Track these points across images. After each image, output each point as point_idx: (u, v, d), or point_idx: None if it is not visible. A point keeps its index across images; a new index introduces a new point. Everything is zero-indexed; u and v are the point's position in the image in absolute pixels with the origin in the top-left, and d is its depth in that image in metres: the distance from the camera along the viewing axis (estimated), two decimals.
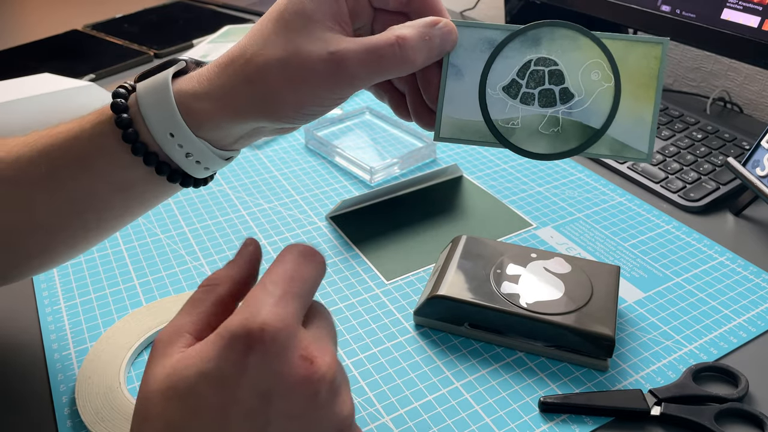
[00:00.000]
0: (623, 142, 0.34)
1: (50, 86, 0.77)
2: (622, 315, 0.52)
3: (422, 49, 0.34)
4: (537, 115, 0.35)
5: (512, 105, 0.35)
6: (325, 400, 0.28)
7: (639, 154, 0.34)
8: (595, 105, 0.34)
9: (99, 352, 0.47)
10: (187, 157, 0.37)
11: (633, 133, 0.34)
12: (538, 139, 0.35)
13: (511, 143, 0.35)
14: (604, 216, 0.64)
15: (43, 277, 0.56)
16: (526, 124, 0.35)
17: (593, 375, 0.47)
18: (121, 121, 0.36)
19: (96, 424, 0.42)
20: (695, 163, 0.70)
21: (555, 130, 0.35)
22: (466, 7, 1.21)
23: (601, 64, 0.34)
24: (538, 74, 0.35)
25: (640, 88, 0.34)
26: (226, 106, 0.35)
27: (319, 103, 0.35)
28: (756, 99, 0.88)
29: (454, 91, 0.35)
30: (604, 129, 0.34)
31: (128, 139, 0.36)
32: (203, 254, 0.59)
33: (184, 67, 0.38)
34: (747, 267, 0.57)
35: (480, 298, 0.48)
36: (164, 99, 0.36)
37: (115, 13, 1.20)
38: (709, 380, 0.47)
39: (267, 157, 0.74)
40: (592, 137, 0.34)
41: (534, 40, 0.35)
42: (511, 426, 0.43)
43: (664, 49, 0.34)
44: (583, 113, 0.35)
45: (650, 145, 0.34)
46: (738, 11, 0.68)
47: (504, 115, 0.35)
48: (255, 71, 0.34)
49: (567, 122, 0.35)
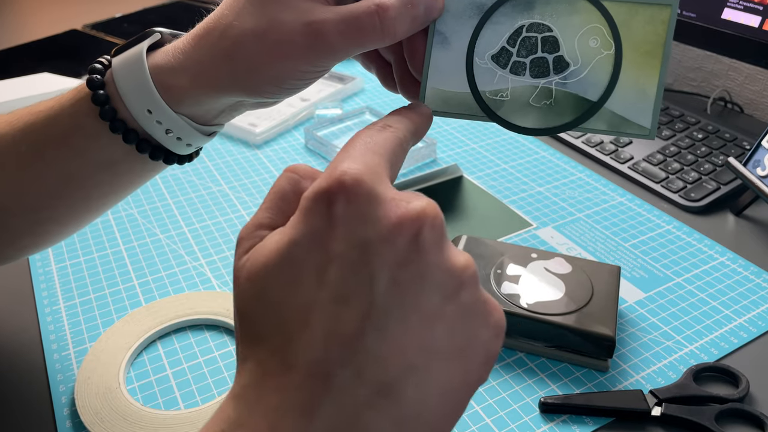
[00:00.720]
0: (623, 117, 0.31)
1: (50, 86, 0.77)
2: (623, 315, 0.52)
3: (404, 18, 0.31)
4: (528, 87, 0.32)
5: (501, 75, 0.32)
6: (431, 242, 0.23)
7: (641, 130, 0.31)
8: (593, 75, 0.31)
9: (98, 352, 0.47)
10: (168, 134, 0.36)
11: (635, 107, 0.31)
12: (528, 112, 0.32)
13: (498, 117, 0.32)
14: (604, 216, 0.64)
15: (42, 277, 0.56)
16: (516, 96, 0.32)
17: (594, 375, 0.47)
18: (98, 97, 0.35)
19: (95, 425, 0.42)
20: (696, 163, 0.70)
21: (547, 103, 0.32)
22: None
23: (601, 29, 0.31)
24: (530, 41, 0.32)
25: (644, 56, 0.31)
26: (204, 81, 0.34)
27: (300, 76, 0.33)
28: (756, 99, 0.88)
29: (439, 61, 0.33)
30: (602, 101, 0.31)
31: (105, 116, 0.35)
32: (203, 254, 0.59)
33: (159, 39, 0.36)
34: (748, 267, 0.57)
35: None
36: (140, 75, 0.34)
37: (114, 12, 1.19)
38: (710, 381, 0.46)
39: (267, 157, 0.74)
40: (589, 110, 0.31)
41: (527, 3, 0.31)
42: (512, 426, 0.43)
43: (672, 12, 0.31)
44: (579, 84, 0.31)
45: (654, 120, 0.31)
46: (739, 11, 0.68)
47: (492, 87, 0.32)
48: (231, 45, 0.33)
49: (561, 94, 0.31)
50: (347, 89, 0.88)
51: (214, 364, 0.48)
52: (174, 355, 0.48)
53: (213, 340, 0.50)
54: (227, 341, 0.50)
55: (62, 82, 0.78)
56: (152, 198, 0.66)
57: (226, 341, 0.50)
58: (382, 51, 0.37)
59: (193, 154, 0.40)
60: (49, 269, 0.57)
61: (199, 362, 0.48)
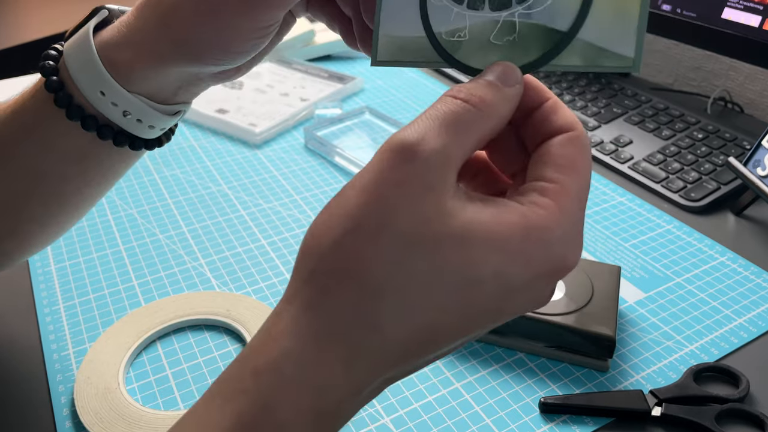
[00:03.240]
0: (600, 47, 0.26)
1: None
2: (623, 315, 0.52)
3: None
4: (488, 22, 0.27)
5: (458, 12, 0.28)
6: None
7: (623, 61, 0.26)
8: (561, 1, 0.26)
9: (98, 352, 0.47)
10: (126, 116, 0.34)
11: (614, 34, 0.26)
12: (489, 51, 0.27)
13: (456, 60, 0.28)
14: (604, 216, 0.64)
15: (41, 277, 0.56)
16: (476, 35, 0.28)
17: (594, 375, 0.47)
18: (51, 84, 0.34)
19: (95, 425, 0.42)
20: (696, 162, 0.70)
21: (510, 39, 0.27)
22: None
23: None
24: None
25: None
26: (147, 52, 0.32)
27: (244, 35, 0.31)
28: (757, 98, 0.88)
29: (392, 4, 0.29)
30: (574, 31, 0.26)
31: (61, 103, 0.34)
32: (202, 254, 0.59)
33: (107, 16, 0.35)
34: (748, 267, 0.57)
35: None
36: (87, 54, 0.33)
37: None
38: (710, 381, 0.46)
39: (266, 157, 0.74)
40: (559, 43, 0.26)
41: None
42: (512, 427, 0.43)
43: None
44: (545, 13, 0.26)
45: (638, 48, 0.26)
46: (739, 10, 0.68)
47: (449, 26, 0.28)
48: (167, 10, 0.31)
49: (525, 27, 0.27)
50: (347, 89, 0.88)
51: (213, 365, 0.48)
52: (173, 355, 0.48)
53: (212, 340, 0.50)
54: (227, 341, 0.50)
55: None
56: (152, 198, 0.66)
57: (225, 341, 0.50)
58: (342, 5, 0.34)
59: (162, 138, 0.38)
60: (49, 269, 0.57)
61: (199, 362, 0.48)
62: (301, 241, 0.26)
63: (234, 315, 0.51)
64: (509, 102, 0.26)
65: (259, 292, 0.54)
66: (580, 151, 0.26)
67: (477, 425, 0.43)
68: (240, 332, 0.49)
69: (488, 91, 0.25)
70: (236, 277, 0.56)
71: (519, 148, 0.28)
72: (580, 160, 0.25)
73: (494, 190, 0.29)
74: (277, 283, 0.55)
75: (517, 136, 0.28)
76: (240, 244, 0.60)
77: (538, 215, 0.24)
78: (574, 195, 0.25)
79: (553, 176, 0.25)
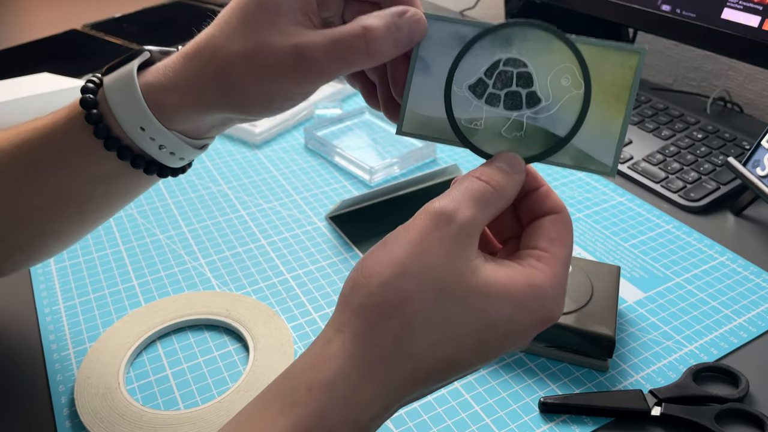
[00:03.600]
0: (587, 153, 0.33)
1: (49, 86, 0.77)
2: (623, 315, 0.52)
3: (388, 40, 0.32)
4: (501, 118, 0.33)
5: (477, 105, 0.34)
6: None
7: (603, 167, 0.33)
8: (562, 112, 0.33)
9: (98, 352, 0.47)
10: (161, 149, 0.37)
11: (599, 145, 0.33)
12: (499, 142, 0.33)
13: (471, 144, 0.34)
14: (604, 216, 0.64)
15: (42, 277, 0.56)
16: (489, 126, 0.34)
17: (593, 375, 0.47)
18: (91, 117, 0.36)
19: (95, 425, 0.42)
20: (695, 162, 0.70)
21: (518, 135, 0.33)
22: (466, 6, 1.21)
23: (573, 69, 0.32)
24: (506, 75, 0.33)
25: (611, 98, 0.32)
26: (194, 99, 0.35)
27: (288, 96, 0.34)
28: (756, 99, 0.88)
29: (420, 86, 0.34)
30: (569, 138, 0.33)
31: (100, 134, 0.36)
32: (202, 254, 0.59)
33: (149, 58, 0.37)
34: (747, 267, 0.57)
35: None
36: (131, 93, 0.35)
37: (114, 12, 1.19)
38: (710, 380, 0.46)
39: (267, 157, 0.74)
40: (556, 145, 0.33)
41: (505, 39, 0.33)
42: (512, 426, 0.43)
43: (641, 59, 0.32)
44: (549, 119, 0.33)
45: (615, 159, 0.32)
46: (738, 11, 0.68)
47: (468, 115, 0.34)
48: (221, 65, 0.34)
49: (531, 127, 0.33)
50: (347, 89, 0.88)
51: (213, 364, 0.48)
52: (174, 355, 0.48)
53: (212, 340, 0.50)
54: (227, 341, 0.50)
55: (62, 82, 0.78)
56: (152, 198, 0.66)
57: (225, 341, 0.50)
58: (367, 71, 0.38)
59: (186, 165, 0.41)
60: (49, 269, 0.57)
61: (199, 362, 0.48)
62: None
63: (234, 315, 0.51)
64: (516, 186, 0.32)
65: (259, 292, 0.54)
66: (566, 229, 0.32)
67: (477, 425, 0.43)
68: (240, 332, 0.49)
69: (503, 176, 0.32)
70: (236, 277, 0.56)
71: (513, 221, 0.34)
72: (566, 235, 0.32)
73: (487, 249, 0.35)
74: (277, 283, 0.55)
75: (511, 211, 0.34)
76: (240, 244, 0.60)
77: (538, 277, 0.30)
78: (562, 262, 0.31)
79: (546, 247, 0.31)
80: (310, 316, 0.52)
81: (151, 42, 1.04)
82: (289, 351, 0.47)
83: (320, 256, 0.59)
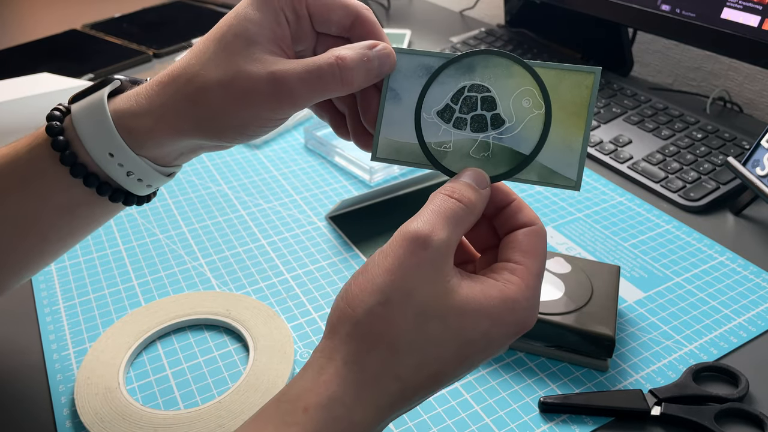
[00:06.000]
0: (552, 169, 0.34)
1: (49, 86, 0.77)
2: (622, 315, 0.52)
3: (360, 70, 0.34)
4: (468, 140, 0.35)
5: (445, 129, 0.36)
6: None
7: (567, 182, 0.34)
8: (526, 131, 0.35)
9: (98, 352, 0.47)
10: (129, 176, 0.37)
11: (562, 161, 0.34)
12: (468, 162, 0.35)
13: (442, 166, 0.36)
14: (604, 216, 0.64)
15: (42, 278, 0.56)
16: (458, 148, 0.35)
17: (593, 375, 0.47)
18: (58, 143, 0.36)
19: (95, 425, 0.42)
20: (695, 162, 0.70)
21: (485, 155, 0.35)
22: (465, 6, 1.21)
23: (533, 91, 0.34)
24: (471, 100, 0.35)
25: (570, 116, 0.34)
26: (168, 124, 0.36)
27: (262, 123, 0.36)
28: (756, 98, 0.88)
29: (391, 114, 0.36)
30: (534, 155, 0.35)
31: (66, 161, 0.36)
32: (202, 254, 0.59)
33: (119, 86, 0.38)
34: (747, 267, 0.57)
35: None
36: (101, 119, 0.36)
37: (114, 12, 1.19)
38: (710, 380, 0.46)
39: (266, 157, 0.74)
40: (522, 163, 0.35)
41: (468, 67, 0.35)
42: (511, 426, 0.43)
43: (596, 78, 0.34)
44: (513, 139, 0.35)
45: (579, 173, 0.34)
46: (738, 10, 0.68)
47: (437, 138, 0.36)
48: (196, 91, 0.35)
49: (497, 147, 0.35)
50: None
51: (213, 364, 0.48)
52: (174, 355, 0.48)
53: (212, 340, 0.50)
54: (227, 341, 0.50)
55: (62, 82, 0.78)
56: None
57: (225, 341, 0.50)
58: (336, 102, 0.40)
59: (151, 195, 0.41)
60: (49, 269, 0.57)
61: (199, 362, 0.48)
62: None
63: (234, 315, 0.51)
64: (484, 201, 0.34)
65: (259, 292, 0.54)
66: (539, 241, 0.34)
67: (477, 425, 0.43)
68: (240, 332, 0.49)
69: (472, 193, 0.33)
70: (236, 277, 0.56)
71: (489, 233, 0.36)
72: (540, 247, 0.34)
73: (465, 258, 0.37)
74: (277, 283, 0.55)
75: (488, 224, 0.36)
76: (240, 244, 0.60)
77: (511, 290, 0.32)
78: (535, 274, 0.33)
79: (519, 259, 0.33)
80: (310, 316, 0.52)
81: (151, 42, 1.05)
82: (289, 351, 0.47)
83: (320, 256, 0.59)
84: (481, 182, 0.34)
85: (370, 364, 0.30)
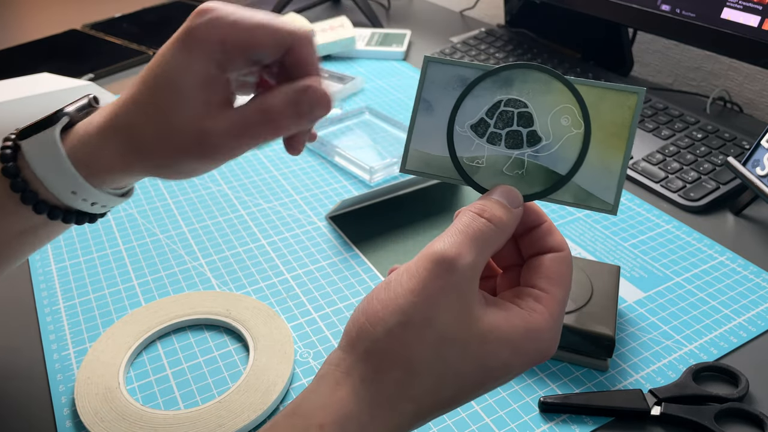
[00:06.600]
0: (588, 191, 0.33)
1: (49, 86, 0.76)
2: (622, 315, 0.52)
3: (290, 116, 0.34)
4: (502, 156, 0.34)
5: (479, 144, 0.34)
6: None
7: (604, 205, 0.33)
8: (563, 151, 0.33)
9: (98, 352, 0.47)
10: (93, 205, 0.38)
11: (599, 183, 0.33)
12: (501, 179, 0.34)
13: (474, 181, 0.34)
14: (603, 215, 0.64)
15: (42, 277, 0.56)
16: (491, 164, 0.34)
17: (593, 375, 0.47)
18: (7, 170, 0.36)
19: (95, 425, 0.42)
20: (695, 162, 0.70)
21: (519, 173, 0.34)
22: (465, 6, 1.21)
23: (572, 109, 0.33)
24: (506, 115, 0.34)
25: (610, 137, 0.33)
26: (120, 169, 0.36)
27: (203, 169, 0.36)
28: (756, 98, 0.88)
29: (423, 126, 0.35)
30: (570, 176, 0.33)
31: (16, 187, 0.36)
32: (202, 254, 0.59)
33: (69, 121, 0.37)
34: (747, 266, 0.57)
35: None
36: (58, 162, 0.35)
37: (114, 12, 1.19)
38: (710, 380, 0.46)
39: (267, 157, 0.74)
40: (557, 183, 0.33)
41: (506, 80, 0.34)
42: (511, 426, 0.43)
43: (639, 99, 0.33)
44: (550, 158, 0.34)
45: (617, 197, 0.33)
46: (738, 10, 0.68)
47: (470, 153, 0.34)
48: (139, 146, 0.35)
49: (532, 165, 0.34)
50: (347, 89, 0.88)
51: (213, 364, 0.48)
52: (174, 355, 0.48)
53: (213, 340, 0.50)
54: (227, 341, 0.50)
55: (62, 82, 0.78)
56: (152, 198, 0.66)
57: (225, 341, 0.50)
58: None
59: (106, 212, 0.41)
60: (49, 269, 0.57)
61: (199, 362, 0.48)
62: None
63: (234, 315, 0.51)
64: (516, 221, 0.33)
65: (259, 292, 0.55)
66: (566, 268, 0.33)
67: (477, 424, 0.43)
68: (240, 332, 0.49)
69: (504, 212, 0.32)
70: (236, 277, 0.56)
71: (514, 251, 0.35)
72: (566, 275, 0.33)
73: (487, 273, 0.36)
74: (277, 283, 0.55)
75: (513, 242, 0.35)
76: (240, 244, 0.60)
77: (536, 320, 0.31)
78: (560, 302, 0.32)
79: (545, 287, 0.32)
80: (310, 316, 0.52)
81: (151, 42, 1.05)
82: (289, 351, 0.47)
83: (320, 256, 0.59)
84: (514, 201, 0.33)
85: (387, 384, 0.30)
